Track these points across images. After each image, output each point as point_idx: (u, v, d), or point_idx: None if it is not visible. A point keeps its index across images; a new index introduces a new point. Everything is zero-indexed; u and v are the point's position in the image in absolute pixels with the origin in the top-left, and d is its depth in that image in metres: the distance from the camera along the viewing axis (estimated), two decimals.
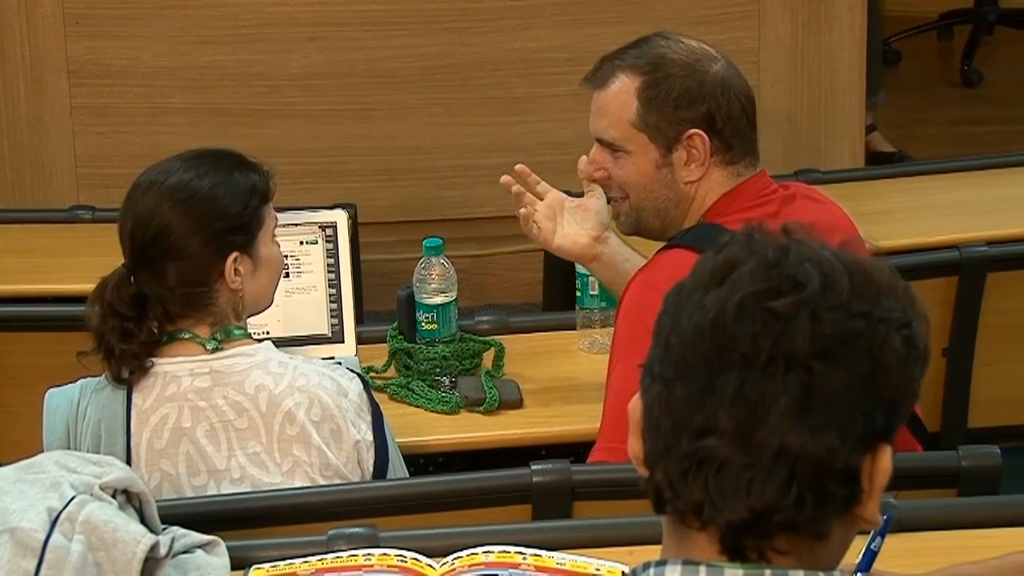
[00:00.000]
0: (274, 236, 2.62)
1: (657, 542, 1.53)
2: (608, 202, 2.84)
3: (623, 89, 2.69)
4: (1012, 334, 3.49)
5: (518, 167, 2.92)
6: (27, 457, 2.22)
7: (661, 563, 1.49)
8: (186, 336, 2.53)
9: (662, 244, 2.74)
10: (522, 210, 2.91)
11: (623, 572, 1.56)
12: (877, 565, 2.09)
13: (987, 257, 3.46)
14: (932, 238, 3.60)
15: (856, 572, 2.03)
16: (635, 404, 1.53)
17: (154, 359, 2.52)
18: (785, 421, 1.44)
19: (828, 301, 1.46)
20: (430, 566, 2.27)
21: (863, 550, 2.03)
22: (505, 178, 2.89)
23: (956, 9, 6.35)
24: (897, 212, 3.77)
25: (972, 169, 4.06)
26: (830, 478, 1.46)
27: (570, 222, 2.88)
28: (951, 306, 3.46)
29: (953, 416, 3.48)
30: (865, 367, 1.46)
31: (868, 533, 1.80)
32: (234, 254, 2.53)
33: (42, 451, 2.32)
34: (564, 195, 2.91)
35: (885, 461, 1.48)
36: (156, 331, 2.51)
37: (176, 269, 2.50)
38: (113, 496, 2.13)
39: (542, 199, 2.91)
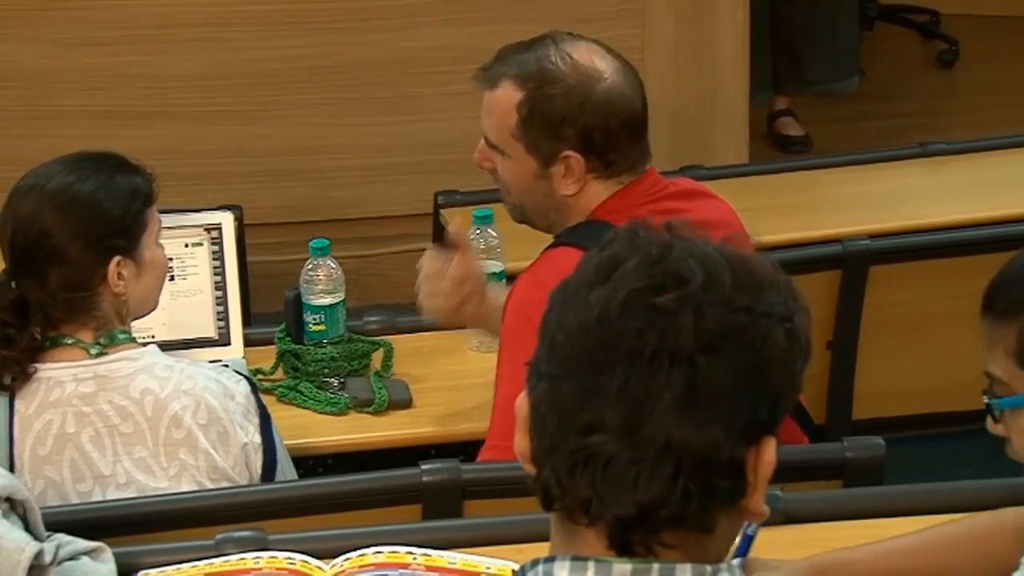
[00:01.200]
0: (158, 239, 2.60)
1: (546, 539, 1.54)
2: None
3: (506, 98, 2.67)
4: (894, 327, 3.53)
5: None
6: None
7: (550, 560, 1.50)
8: (69, 341, 2.51)
9: (550, 237, 2.74)
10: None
11: (513, 570, 1.56)
12: (763, 556, 2.11)
13: (869, 250, 3.50)
14: (815, 232, 3.63)
15: (734, 557, 2.05)
16: (522, 402, 1.53)
17: (37, 365, 2.49)
18: (670, 416, 1.45)
19: (711, 296, 1.47)
20: (319, 568, 2.26)
21: (740, 535, 2.04)
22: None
23: None
24: (781, 207, 3.80)
25: (854, 164, 4.10)
26: (715, 471, 1.46)
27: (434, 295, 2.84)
28: (835, 299, 3.50)
29: (838, 408, 3.52)
30: (748, 361, 1.47)
31: None
32: (117, 258, 2.50)
33: None
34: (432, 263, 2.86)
35: (769, 453, 1.49)
36: (39, 337, 2.49)
37: (58, 274, 2.47)
38: None
39: None
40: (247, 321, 3.23)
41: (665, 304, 1.46)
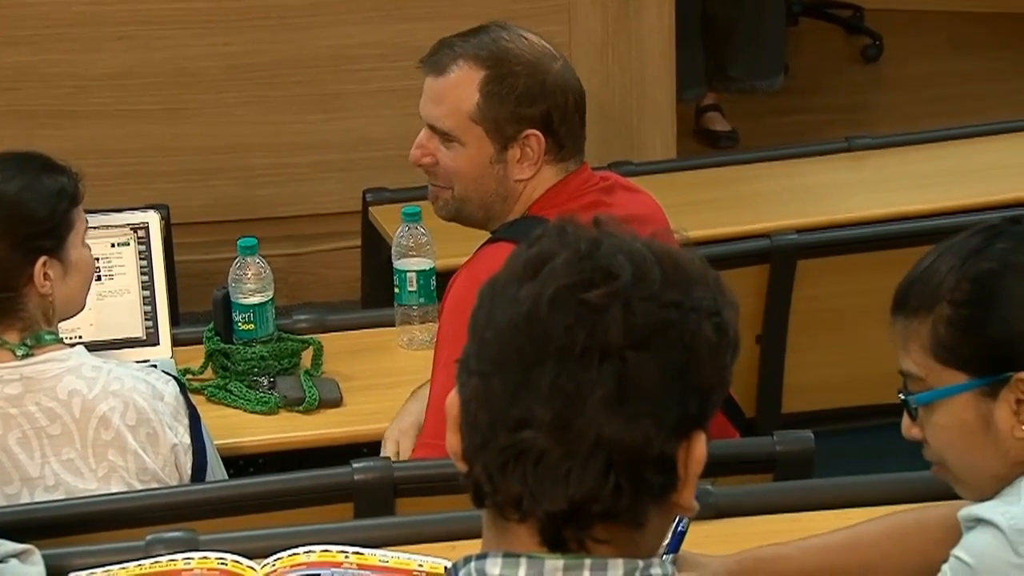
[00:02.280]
0: (84, 239, 2.58)
1: (479, 536, 1.54)
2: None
3: (464, 79, 2.65)
4: (822, 320, 3.55)
5: None
6: None
7: (482, 557, 1.50)
8: None
9: (480, 232, 2.74)
10: None
11: (445, 567, 1.56)
12: (695, 551, 2.12)
13: (797, 244, 3.52)
14: (743, 227, 3.65)
15: (665, 554, 2.06)
16: (452, 400, 1.53)
17: None
18: (601, 411, 1.45)
19: (640, 292, 1.47)
20: (251, 568, 2.26)
21: (671, 532, 2.05)
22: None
23: None
24: (709, 202, 3.82)
25: (781, 159, 4.13)
26: (646, 466, 1.47)
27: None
28: (763, 294, 3.51)
29: (767, 402, 3.53)
30: (678, 356, 1.48)
31: None
32: (43, 258, 2.49)
33: None
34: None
35: (700, 448, 1.50)
36: None
37: None
38: None
39: None
40: (175, 321, 3.22)
41: (594, 300, 1.47)
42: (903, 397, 1.92)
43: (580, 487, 1.46)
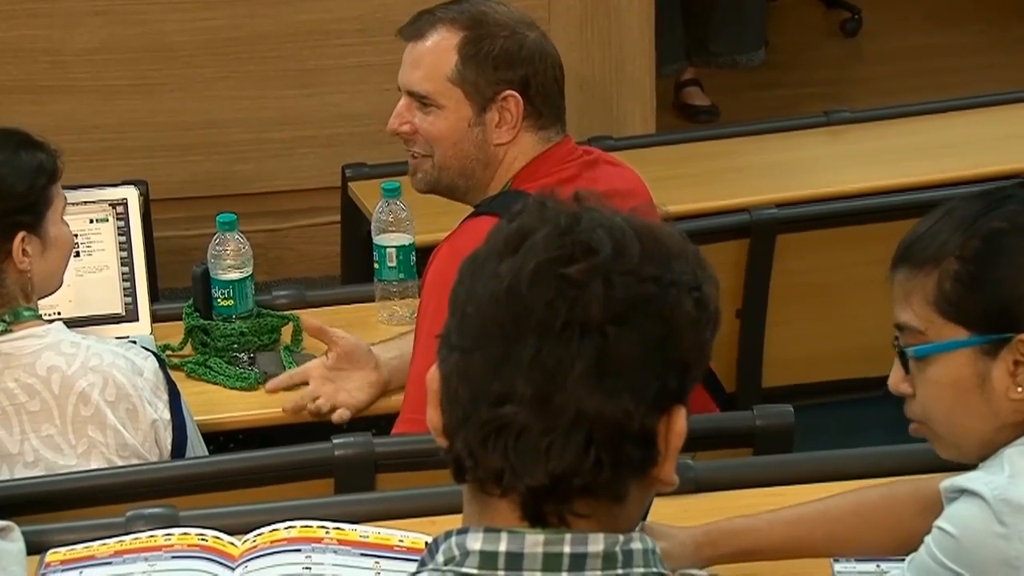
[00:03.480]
0: (63, 216, 2.57)
1: (460, 511, 1.54)
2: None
3: (443, 42, 2.67)
4: (802, 294, 3.56)
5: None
6: None
7: (463, 532, 1.50)
8: None
9: (461, 208, 2.74)
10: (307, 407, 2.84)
11: (426, 542, 1.56)
12: (673, 523, 2.13)
13: (776, 219, 3.52)
14: (723, 202, 3.65)
15: None
16: (433, 375, 1.53)
17: None
18: (581, 386, 1.45)
19: (620, 266, 1.47)
20: (232, 544, 2.26)
21: None
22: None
23: None
24: (688, 177, 3.82)
25: (760, 133, 4.13)
26: (627, 441, 1.47)
27: (345, 379, 2.84)
28: (743, 268, 3.52)
29: (747, 376, 3.54)
30: (658, 330, 1.48)
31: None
32: (21, 234, 2.48)
33: None
34: (317, 363, 2.87)
35: (680, 422, 1.50)
36: None
37: None
38: None
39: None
40: (154, 297, 3.21)
41: (574, 275, 1.47)
42: (900, 349, 1.91)
43: (561, 461, 1.46)
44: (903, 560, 1.93)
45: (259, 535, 2.26)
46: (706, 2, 5.42)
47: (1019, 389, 1.84)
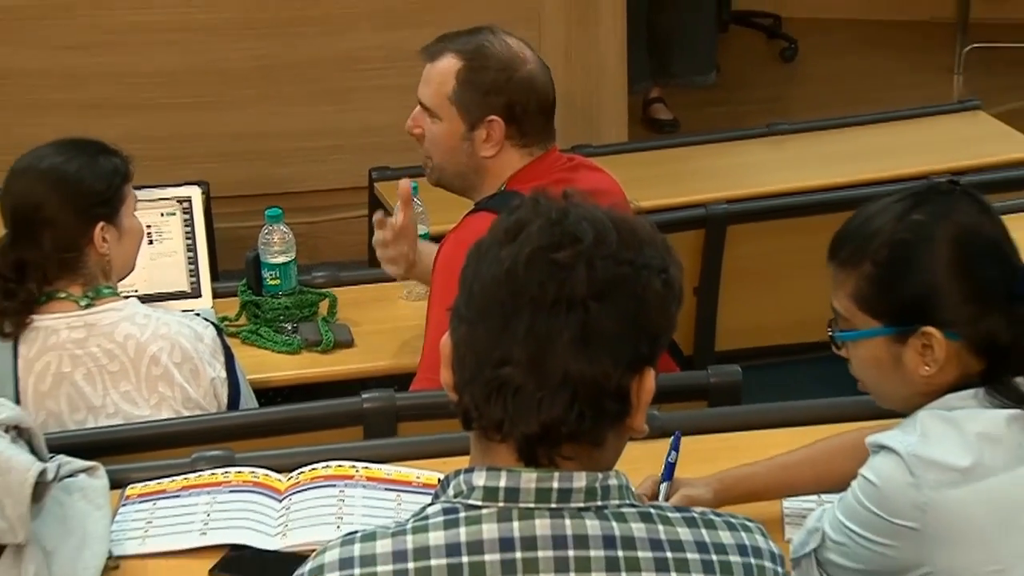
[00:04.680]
0: (135, 211, 2.56)
1: (467, 454, 1.54)
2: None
3: (447, 67, 2.66)
4: (749, 274, 3.55)
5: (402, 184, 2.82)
6: None
7: (469, 470, 1.50)
8: (62, 295, 2.47)
9: (465, 199, 2.73)
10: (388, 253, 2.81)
11: (439, 479, 1.56)
12: (646, 463, 2.12)
13: (727, 213, 3.52)
14: (683, 198, 3.64)
15: (661, 482, 2.07)
16: (445, 341, 1.53)
17: (35, 316, 2.46)
18: (568, 352, 1.45)
19: (601, 252, 1.47)
20: (279, 480, 2.26)
21: (664, 465, 2.05)
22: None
23: None
24: (654, 178, 3.81)
25: (714, 142, 4.12)
26: (605, 397, 1.47)
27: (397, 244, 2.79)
28: (699, 253, 3.51)
29: (703, 342, 3.54)
30: (632, 305, 1.47)
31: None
32: (101, 224, 2.47)
33: None
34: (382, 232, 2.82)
35: (649, 381, 1.49)
36: (35, 291, 2.45)
37: (51, 238, 2.44)
38: (5, 431, 2.08)
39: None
40: (214, 277, 3.21)
41: (562, 259, 1.46)
42: (831, 333, 1.90)
43: (550, 413, 1.46)
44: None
45: (301, 473, 2.25)
46: (667, 33, 5.41)
47: (927, 367, 1.83)
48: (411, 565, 1.44)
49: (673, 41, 5.43)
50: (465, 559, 1.44)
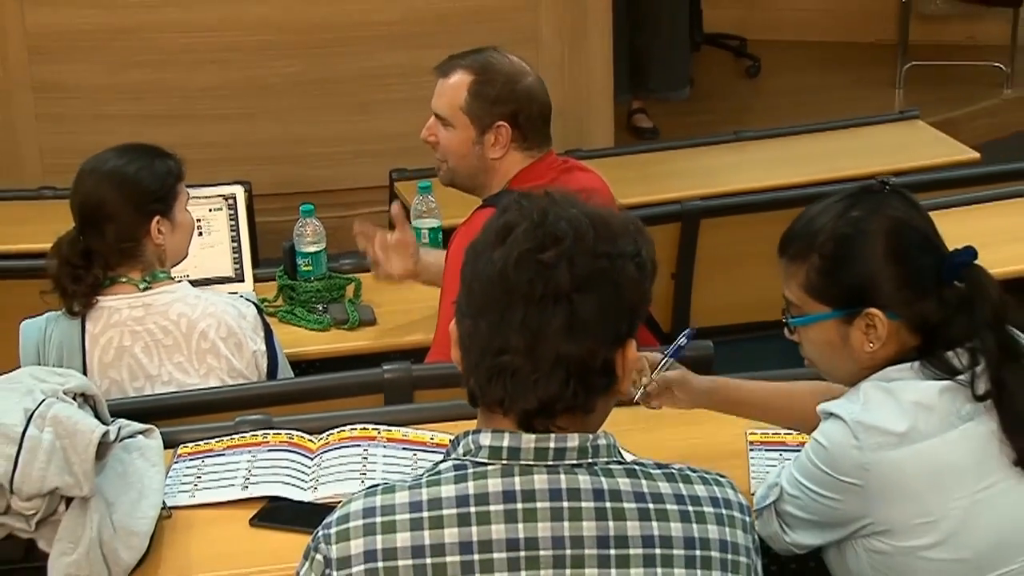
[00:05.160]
0: (187, 207, 2.55)
1: (475, 419, 1.53)
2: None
3: (459, 81, 2.65)
4: (720, 261, 3.54)
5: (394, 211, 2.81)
6: (7, 373, 2.14)
7: (477, 432, 1.50)
8: (123, 280, 2.47)
9: (474, 197, 2.72)
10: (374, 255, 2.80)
11: (450, 439, 1.55)
12: (625, 428, 2.10)
13: (701, 208, 3.51)
14: (662, 196, 3.63)
15: (665, 358, 2.05)
16: (453, 327, 1.53)
17: (100, 297, 2.46)
18: (558, 338, 1.45)
19: (579, 249, 1.47)
20: (311, 440, 2.25)
21: (674, 344, 2.02)
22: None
23: None
24: (637, 178, 3.80)
25: (688, 147, 4.10)
26: (593, 373, 1.47)
27: (391, 259, 2.79)
28: (676, 243, 3.50)
29: (679, 320, 3.53)
30: (610, 292, 1.47)
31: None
32: (156, 217, 2.47)
33: (19, 367, 2.23)
34: (383, 238, 2.81)
35: (631, 351, 1.49)
36: (100, 276, 2.45)
37: (113, 230, 2.43)
38: (73, 398, 2.07)
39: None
40: (255, 264, 3.20)
41: (547, 259, 1.46)
42: (784, 320, 1.89)
43: (547, 392, 1.46)
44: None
45: (330, 435, 2.25)
46: (646, 53, 5.39)
47: (871, 344, 1.82)
48: (426, 514, 1.44)
49: (651, 59, 5.41)
50: (473, 509, 1.44)
